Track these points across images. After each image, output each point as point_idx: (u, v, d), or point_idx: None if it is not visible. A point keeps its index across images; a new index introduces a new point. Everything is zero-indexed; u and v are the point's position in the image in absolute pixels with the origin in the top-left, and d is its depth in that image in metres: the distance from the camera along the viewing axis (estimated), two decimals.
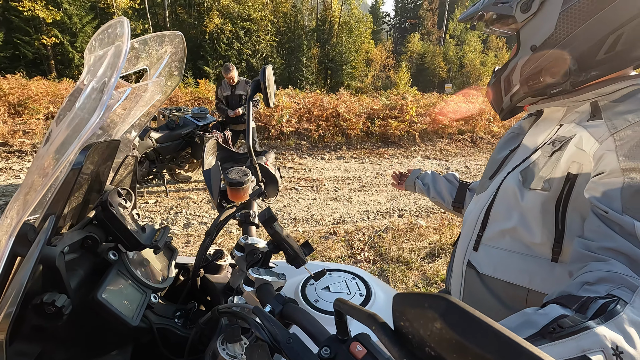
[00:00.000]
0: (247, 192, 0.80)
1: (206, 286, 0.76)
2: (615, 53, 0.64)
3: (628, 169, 0.57)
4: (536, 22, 0.70)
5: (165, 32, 0.71)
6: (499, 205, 0.82)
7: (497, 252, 0.82)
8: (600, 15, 0.63)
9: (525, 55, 0.73)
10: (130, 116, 0.71)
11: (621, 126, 0.60)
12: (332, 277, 0.82)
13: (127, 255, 0.63)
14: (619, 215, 0.56)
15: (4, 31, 17.00)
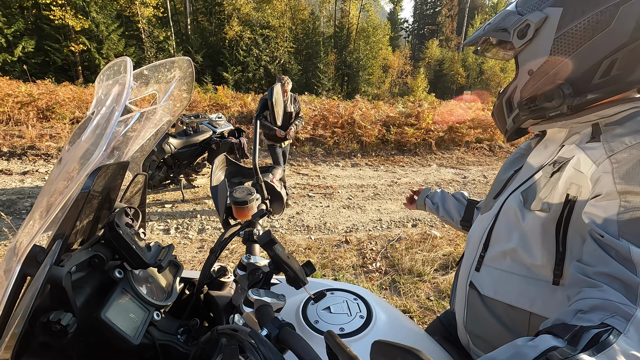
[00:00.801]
0: (252, 210, 0.82)
1: (210, 303, 0.78)
2: (610, 77, 0.65)
3: (624, 192, 0.57)
4: (532, 48, 0.71)
5: (175, 58, 0.74)
6: (500, 225, 0.82)
7: (498, 274, 0.81)
8: (593, 42, 0.64)
9: (524, 79, 0.75)
10: (140, 137, 0.74)
11: (618, 148, 0.61)
12: (333, 297, 0.82)
13: (132, 273, 0.65)
14: (615, 239, 0.56)
15: (36, 39, 17.83)
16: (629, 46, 0.62)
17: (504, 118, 0.83)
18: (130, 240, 0.63)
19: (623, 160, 0.59)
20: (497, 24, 0.75)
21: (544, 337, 0.50)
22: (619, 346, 0.45)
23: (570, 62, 0.67)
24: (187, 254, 3.74)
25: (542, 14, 0.68)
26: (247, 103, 10.73)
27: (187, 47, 23.06)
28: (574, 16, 0.65)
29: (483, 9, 44.84)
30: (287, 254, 0.71)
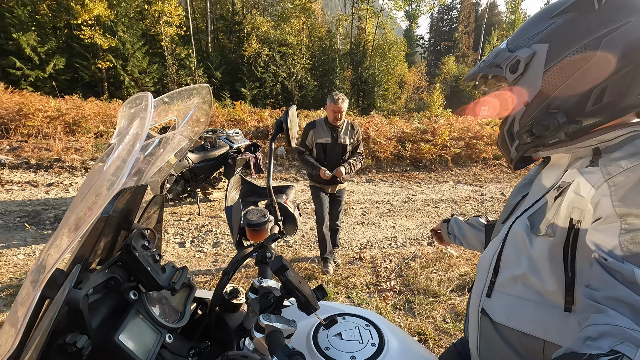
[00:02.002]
0: (266, 233, 0.83)
1: (221, 325, 0.78)
2: (603, 104, 0.67)
3: (623, 215, 0.58)
4: (524, 81, 0.75)
5: (195, 85, 0.77)
6: (508, 250, 0.82)
7: (510, 299, 0.80)
8: (580, 73, 0.67)
9: (520, 110, 0.78)
10: (159, 160, 0.77)
11: (615, 172, 0.62)
12: (345, 322, 0.81)
13: (146, 295, 0.67)
14: (619, 262, 0.56)
15: (67, 57, 18.80)
16: (616, 74, 0.65)
17: (508, 148, 0.86)
18: (145, 262, 0.64)
19: (620, 183, 0.60)
20: (491, 61, 0.80)
21: None
22: None
23: (561, 93, 0.71)
24: (201, 268, 3.77)
25: (530, 50, 0.73)
26: (263, 118, 10.93)
27: (208, 64, 23.81)
28: (559, 51, 0.69)
29: (500, 25, 44.76)
30: (299, 278, 0.71)
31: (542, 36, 0.72)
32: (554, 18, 0.71)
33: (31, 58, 17.31)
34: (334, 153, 3.38)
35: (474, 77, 0.86)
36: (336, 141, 3.36)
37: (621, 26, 0.64)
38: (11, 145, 7.38)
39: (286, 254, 4.21)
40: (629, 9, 0.64)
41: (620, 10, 0.65)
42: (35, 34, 17.49)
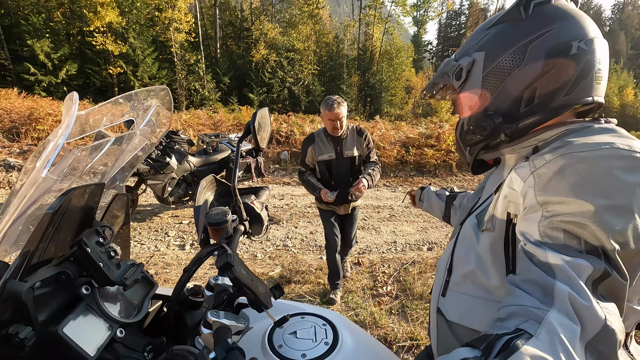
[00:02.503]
0: (227, 231, 0.84)
1: (181, 322, 0.80)
2: (534, 105, 0.72)
3: (544, 203, 0.61)
4: (467, 87, 0.81)
5: (152, 87, 0.80)
6: (459, 249, 0.85)
7: (461, 298, 0.82)
8: (512, 77, 0.73)
9: (466, 114, 0.84)
10: (120, 160, 0.79)
11: (539, 164, 0.64)
12: (303, 321, 0.81)
13: (100, 290, 0.68)
14: (536, 246, 0.59)
15: (79, 62, 19.25)
16: (543, 77, 0.70)
17: (463, 152, 0.89)
18: (97, 258, 0.66)
19: (543, 175, 0.63)
20: (441, 71, 0.87)
21: (459, 350, 0.50)
22: (527, 349, 0.45)
23: (497, 96, 0.76)
24: (199, 271, 3.80)
25: (470, 58, 0.79)
26: None
27: (216, 69, 24.13)
28: (494, 57, 0.75)
29: None
30: (252, 276, 0.72)
31: (480, 45, 0.79)
32: (489, 28, 0.78)
33: (45, 64, 17.77)
34: (341, 169, 2.81)
35: (431, 87, 0.91)
36: (342, 155, 2.77)
37: (545, 33, 0.69)
38: (21, 149, 7.56)
39: (284, 257, 4.22)
40: (551, 17, 0.70)
41: (544, 19, 0.70)
42: (49, 41, 17.96)
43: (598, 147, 0.59)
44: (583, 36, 0.68)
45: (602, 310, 0.50)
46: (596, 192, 0.56)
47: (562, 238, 0.57)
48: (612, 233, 0.53)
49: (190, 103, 21.80)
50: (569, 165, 0.60)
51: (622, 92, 45.48)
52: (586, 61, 0.68)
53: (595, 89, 0.71)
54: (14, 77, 17.86)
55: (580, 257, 0.54)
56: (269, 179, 7.66)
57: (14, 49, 17.91)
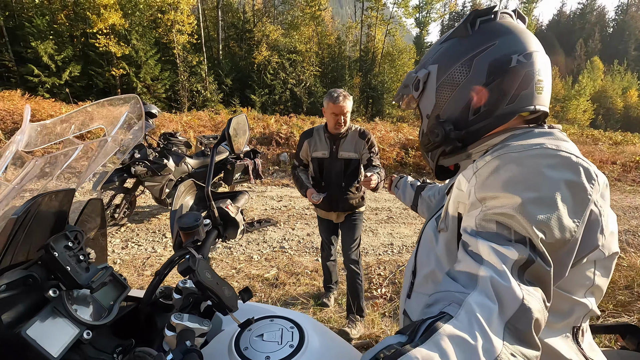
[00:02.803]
0: (199, 235, 0.86)
1: (151, 324, 0.82)
2: (481, 114, 0.78)
3: (482, 198, 0.65)
4: (425, 97, 0.87)
5: (121, 96, 0.82)
6: (421, 251, 0.89)
7: (424, 299, 0.83)
8: (460, 87, 0.79)
9: (424, 123, 0.89)
10: (92, 167, 0.81)
11: (480, 165, 0.70)
12: (272, 324, 0.83)
13: (70, 293, 0.70)
14: (471, 235, 0.62)
15: (82, 64, 19.42)
16: (487, 87, 0.75)
17: (427, 158, 0.94)
18: (65, 262, 0.68)
19: (482, 174, 0.68)
20: (404, 83, 0.93)
21: (387, 338, 0.52)
22: (445, 330, 0.47)
23: (448, 105, 0.82)
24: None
25: (426, 70, 0.86)
26: (269, 125, 11.06)
27: (218, 71, 24.25)
28: (445, 69, 0.81)
29: None
30: (218, 280, 0.74)
31: (434, 58, 0.85)
32: (443, 43, 0.85)
33: (48, 66, 17.94)
34: (334, 170, 2.55)
35: (397, 98, 0.98)
36: (336, 155, 2.51)
37: (488, 47, 0.75)
38: None
39: (280, 259, 4.24)
40: (495, 33, 0.76)
41: (489, 35, 0.76)
42: (53, 43, 18.14)
43: (530, 148, 0.66)
44: (522, 50, 0.74)
45: (520, 290, 0.52)
46: (524, 186, 0.60)
47: (495, 228, 0.60)
48: (535, 222, 0.57)
49: (192, 104, 21.91)
50: (503, 165, 0.65)
51: (625, 93, 45.21)
52: (526, 73, 0.74)
53: (537, 98, 0.76)
54: (18, 78, 18.04)
55: (508, 245, 0.57)
56: (267, 180, 7.69)
57: (18, 51, 18.10)
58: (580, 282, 0.68)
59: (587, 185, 0.61)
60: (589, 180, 0.61)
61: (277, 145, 9.32)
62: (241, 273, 3.81)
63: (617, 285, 3.62)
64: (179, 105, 21.16)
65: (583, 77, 38.31)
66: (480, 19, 0.78)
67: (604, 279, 0.70)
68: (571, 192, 0.60)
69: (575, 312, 0.70)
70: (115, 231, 4.60)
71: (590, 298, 0.71)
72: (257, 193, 6.88)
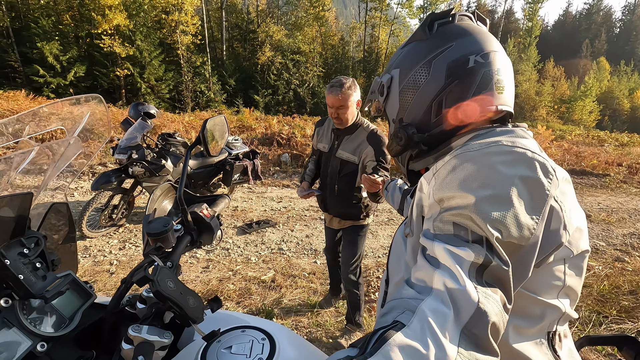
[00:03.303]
0: (167, 241, 0.82)
1: (116, 334, 0.78)
2: (443, 115, 0.76)
3: (440, 200, 0.63)
4: (389, 102, 0.86)
5: (82, 95, 0.79)
6: (392, 258, 0.86)
7: None
8: (421, 90, 0.78)
9: (392, 127, 0.88)
10: (54, 170, 0.78)
11: (440, 166, 0.68)
12: (243, 335, 0.79)
13: (25, 303, 0.67)
14: (428, 239, 0.60)
15: (87, 64, 19.56)
16: (446, 89, 0.75)
17: (397, 163, 0.93)
18: (17, 270, 0.64)
19: (441, 175, 0.66)
20: (371, 89, 0.93)
21: (339, 352, 0.49)
22: (395, 339, 0.44)
23: (411, 108, 0.81)
24: (191, 274, 3.79)
25: (389, 75, 0.85)
26: (271, 125, 11.04)
27: (222, 71, 24.32)
28: (406, 73, 0.80)
29: (517, 33, 44.08)
30: (182, 288, 0.70)
31: (396, 63, 0.85)
32: (403, 48, 0.85)
33: (53, 66, 18.08)
34: (329, 169, 2.30)
35: (366, 104, 0.97)
36: (334, 152, 2.25)
37: (446, 49, 0.75)
38: None
39: (278, 261, 4.20)
40: (451, 35, 0.76)
41: (445, 37, 0.76)
42: (58, 43, 18.28)
43: (486, 146, 0.64)
44: (479, 50, 0.74)
45: (476, 292, 0.50)
46: (479, 184, 0.58)
47: (452, 229, 0.58)
48: (490, 221, 0.55)
49: (195, 105, 21.99)
50: (459, 164, 0.63)
51: (632, 94, 44.71)
52: (484, 73, 0.73)
53: (497, 98, 0.75)
54: (24, 79, 18.20)
55: (464, 246, 0.54)
56: (268, 181, 7.66)
57: (23, 52, 18.26)
58: (549, 283, 0.65)
59: (544, 181, 0.58)
60: (545, 175, 0.59)
61: (279, 146, 9.29)
62: (238, 275, 3.78)
63: (621, 290, 3.54)
64: (183, 106, 21.24)
65: (589, 77, 37.93)
66: (438, 22, 0.79)
67: (577, 279, 0.68)
68: (527, 188, 0.57)
69: (548, 316, 0.67)
70: (113, 232, 4.59)
71: (564, 300, 0.67)
72: (257, 194, 6.85)
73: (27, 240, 0.70)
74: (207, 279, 3.70)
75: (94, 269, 3.76)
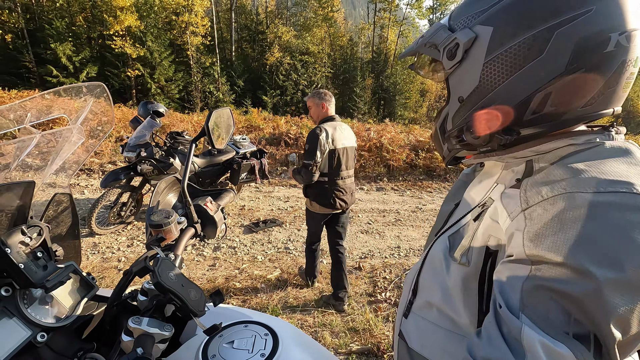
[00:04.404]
0: (170, 233, 0.81)
1: (117, 326, 0.77)
2: (543, 114, 0.55)
3: (535, 258, 0.47)
4: (462, 71, 0.61)
5: (84, 83, 0.78)
6: (426, 271, 0.72)
7: (425, 325, 0.71)
8: (524, 71, 0.54)
9: (455, 106, 0.65)
10: (58, 159, 0.77)
11: (533, 201, 0.50)
12: (245, 330, 0.77)
13: (26, 292, 0.66)
14: (512, 313, 0.47)
15: (99, 65, 19.88)
16: (564, 78, 0.52)
17: (441, 145, 0.74)
18: (18, 259, 0.64)
19: (536, 218, 0.48)
20: (429, 39, 0.64)
21: None
22: None
23: (499, 93, 0.57)
24: (198, 272, 3.80)
25: (471, 33, 0.58)
26: (279, 125, 11.05)
27: (231, 72, 24.47)
28: (503, 38, 0.55)
29: None
30: (184, 281, 0.69)
31: (488, 16, 0.56)
32: None
33: (66, 66, 18.40)
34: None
35: (411, 55, 0.71)
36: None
37: (580, 15, 0.49)
38: None
39: (284, 260, 4.19)
40: None
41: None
42: (71, 44, 18.62)
43: (612, 189, 0.45)
44: (624, 27, 0.49)
45: None
46: (603, 257, 0.42)
47: (547, 309, 0.44)
48: (615, 317, 0.41)
49: (204, 105, 22.16)
50: (570, 212, 0.45)
51: None
52: (621, 63, 0.51)
53: (620, 98, 0.55)
54: (38, 79, 18.56)
55: (564, 340, 0.42)
56: (275, 180, 7.66)
57: (38, 52, 18.62)
58: None
59: None
60: None
61: (286, 146, 9.30)
62: (244, 274, 3.78)
63: None
64: (192, 106, 21.43)
65: None
66: None
67: None
68: None
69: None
70: (121, 229, 4.64)
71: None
72: (264, 193, 6.85)
73: (28, 229, 0.70)
74: (213, 276, 3.70)
75: (102, 265, 3.79)
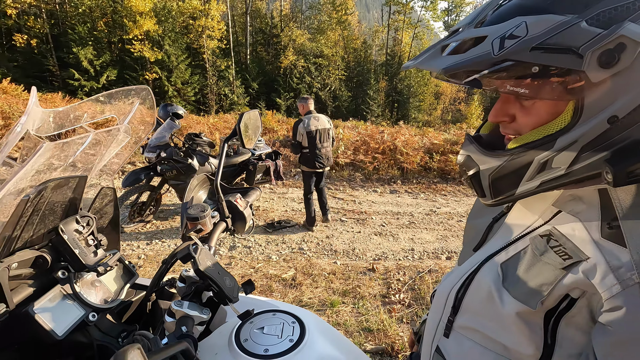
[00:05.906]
0: (205, 226, 0.87)
1: (156, 311, 0.83)
2: None
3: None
4: (622, 81, 0.43)
5: (133, 87, 0.85)
6: (473, 296, 0.64)
7: (470, 346, 0.65)
8: None
9: (596, 129, 0.46)
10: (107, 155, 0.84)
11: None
12: (274, 318, 0.82)
13: (78, 276, 0.73)
14: None
15: (118, 68, 20.46)
16: None
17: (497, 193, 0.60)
18: (73, 244, 0.71)
19: None
20: (545, 38, 0.42)
21: None
22: None
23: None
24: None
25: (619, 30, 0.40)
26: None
27: (246, 75, 24.81)
28: None
29: None
30: (220, 270, 0.74)
31: None
32: None
33: (88, 70, 19.02)
34: None
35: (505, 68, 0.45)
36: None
37: None
38: None
39: (298, 260, 4.24)
40: None
41: None
42: (92, 48, 19.24)
43: None
44: None
45: None
46: None
47: None
48: None
49: (219, 107, 22.52)
50: None
51: None
52: None
53: None
54: (60, 82, 19.23)
55: None
56: (289, 182, 7.74)
57: (61, 56, 19.31)
58: None
59: None
60: None
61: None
62: (259, 273, 3.85)
63: None
64: (207, 108, 21.81)
65: None
66: None
67: None
68: None
69: None
70: (141, 227, 4.77)
71: None
72: (278, 194, 6.94)
73: (81, 218, 0.77)
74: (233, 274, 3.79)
75: None
